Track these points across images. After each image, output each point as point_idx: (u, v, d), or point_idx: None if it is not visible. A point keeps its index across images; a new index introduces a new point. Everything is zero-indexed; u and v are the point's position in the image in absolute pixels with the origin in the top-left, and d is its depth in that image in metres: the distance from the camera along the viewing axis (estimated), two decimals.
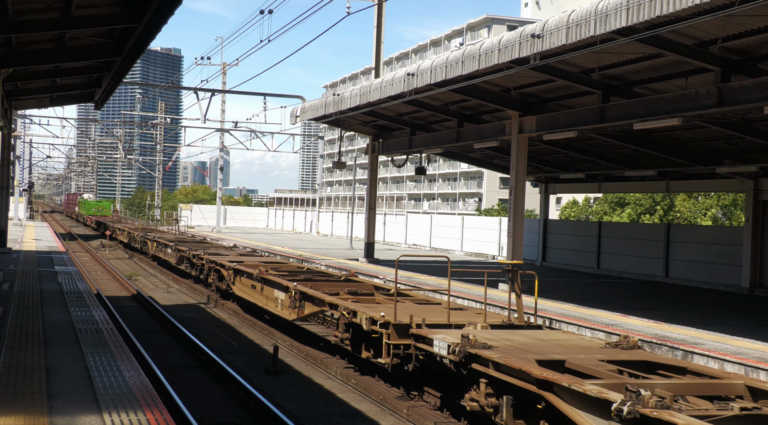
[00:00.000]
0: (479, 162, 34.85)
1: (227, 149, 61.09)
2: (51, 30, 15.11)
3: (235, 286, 20.02)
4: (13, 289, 15.90)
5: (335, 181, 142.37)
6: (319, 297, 14.16)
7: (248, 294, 18.86)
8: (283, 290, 16.05)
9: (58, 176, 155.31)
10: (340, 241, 47.70)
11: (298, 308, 15.05)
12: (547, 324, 15.37)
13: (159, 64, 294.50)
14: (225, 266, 20.85)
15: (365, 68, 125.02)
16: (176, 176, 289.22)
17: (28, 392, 7.61)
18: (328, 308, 13.92)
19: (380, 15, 31.64)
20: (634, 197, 66.15)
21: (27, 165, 74.68)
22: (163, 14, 13.10)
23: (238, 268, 19.61)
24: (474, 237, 38.61)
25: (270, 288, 17.01)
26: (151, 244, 34.50)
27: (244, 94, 47.92)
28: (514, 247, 21.20)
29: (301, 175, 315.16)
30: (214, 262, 22.06)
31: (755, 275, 24.17)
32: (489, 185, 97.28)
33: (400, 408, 11.04)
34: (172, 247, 29.10)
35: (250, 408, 10.87)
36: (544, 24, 14.82)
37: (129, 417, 6.84)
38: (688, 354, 11.99)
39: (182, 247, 27.45)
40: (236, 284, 19.93)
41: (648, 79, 17.80)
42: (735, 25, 13.62)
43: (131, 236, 41.52)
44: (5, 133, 27.32)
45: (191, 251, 25.59)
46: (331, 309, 13.65)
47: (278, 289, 16.40)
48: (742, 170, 23.45)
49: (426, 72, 18.99)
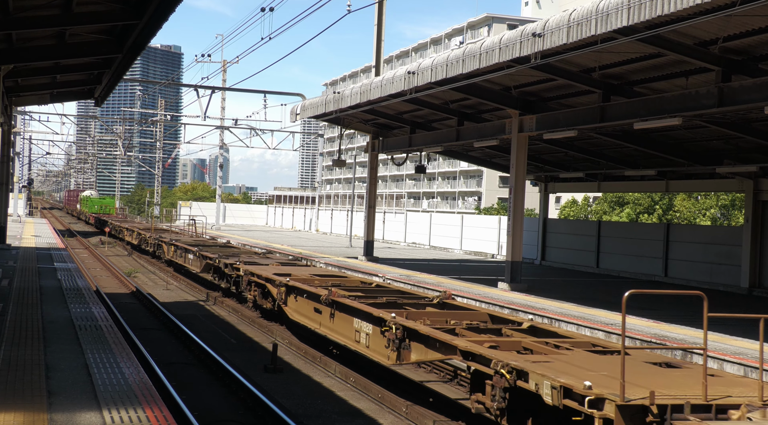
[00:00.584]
0: (479, 161, 34.86)
1: (227, 147, 61.12)
2: (52, 26, 15.11)
3: (289, 307, 15.62)
4: (13, 285, 15.89)
5: (335, 179, 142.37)
6: (440, 339, 9.60)
7: (310, 320, 14.47)
8: (370, 322, 11.61)
9: (58, 172, 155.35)
10: (339, 239, 47.70)
11: (399, 351, 10.49)
12: None
13: (159, 61, 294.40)
14: (273, 282, 16.28)
15: (365, 66, 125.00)
16: (176, 174, 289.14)
17: (27, 388, 7.61)
18: (458, 357, 9.24)
19: (381, 13, 31.63)
20: (634, 197, 66.19)
21: (26, 162, 74.64)
22: (163, 11, 13.10)
23: (293, 285, 15.24)
24: (473, 236, 38.63)
25: (346, 316, 12.66)
26: (167, 248, 30.43)
27: (244, 91, 47.95)
28: (513, 246, 21.21)
29: (301, 173, 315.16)
30: (256, 275, 17.63)
31: (754, 275, 24.18)
32: (488, 183, 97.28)
33: (398, 406, 11.04)
34: (195, 253, 24.96)
35: (249, 405, 10.87)
36: (545, 23, 14.83)
37: (128, 414, 6.84)
38: (687, 353, 12.00)
39: (208, 253, 23.24)
40: (290, 305, 15.60)
41: (648, 79, 17.80)
42: (735, 25, 13.63)
43: (142, 237, 37.13)
44: (5, 129, 27.31)
45: (221, 259, 21.20)
46: (465, 360, 9.04)
47: (361, 319, 12.03)
48: (741, 170, 23.46)
49: (427, 70, 18.99)
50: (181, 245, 27.73)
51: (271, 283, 16.54)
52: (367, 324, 11.73)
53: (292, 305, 15.51)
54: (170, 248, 29.78)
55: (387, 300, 13.06)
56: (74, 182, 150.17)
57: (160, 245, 32.10)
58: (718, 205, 60.99)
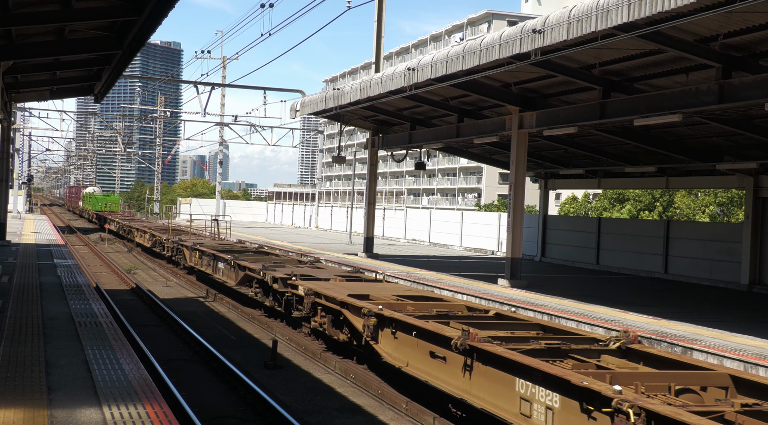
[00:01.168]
0: (479, 157, 34.85)
1: (227, 143, 61.08)
2: (51, 22, 15.08)
3: (382, 346, 11.34)
4: (13, 282, 15.90)
5: (334, 175, 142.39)
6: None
7: (423, 370, 10.31)
8: (554, 389, 7.49)
9: (57, 169, 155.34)
10: (339, 236, 47.70)
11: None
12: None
13: (159, 57, 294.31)
14: (354, 309, 12.13)
15: (365, 63, 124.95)
16: (175, 170, 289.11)
17: (27, 384, 7.61)
18: None
19: (381, 9, 31.59)
20: (634, 194, 66.19)
21: (26, 158, 74.63)
22: (163, 7, 13.09)
23: (391, 316, 11.00)
24: (473, 233, 38.63)
25: (499, 374, 8.44)
26: (189, 253, 26.10)
27: (243, 88, 47.98)
28: (513, 242, 21.21)
29: (301, 169, 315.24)
30: (324, 297, 13.35)
31: (754, 272, 24.19)
32: (488, 180, 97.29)
33: (399, 403, 11.04)
34: (228, 261, 21.02)
35: (248, 401, 10.88)
36: (545, 20, 14.81)
37: (128, 410, 6.85)
38: (688, 350, 12.01)
39: (247, 262, 19.33)
40: (383, 343, 11.34)
41: (648, 76, 17.79)
42: (736, 21, 13.61)
43: (156, 240, 32.92)
44: (5, 126, 27.29)
45: (267, 271, 17.08)
46: None
47: (533, 382, 7.85)
48: (742, 166, 23.46)
49: (426, 67, 18.98)
50: (208, 250, 23.66)
51: (350, 310, 12.34)
52: (547, 392, 7.58)
53: (389, 343, 11.19)
54: (193, 254, 25.54)
55: (541, 342, 9.16)
56: (74, 178, 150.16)
57: (179, 249, 28.07)
58: (716, 202, 60.98)
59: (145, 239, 35.18)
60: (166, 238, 30.74)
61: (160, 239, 32.10)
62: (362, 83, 22.97)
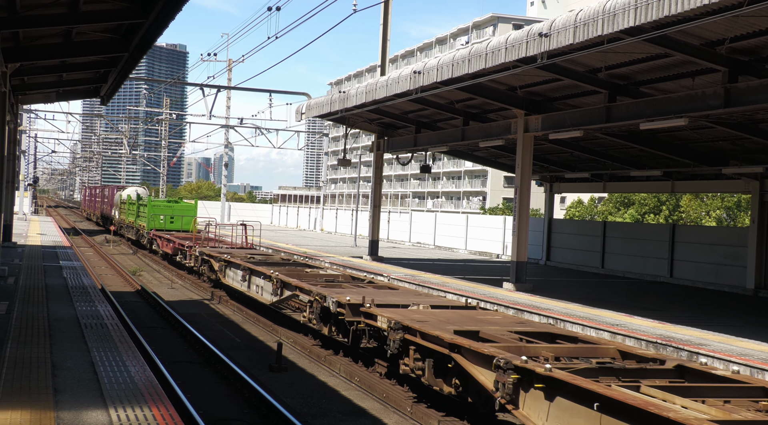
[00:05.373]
0: (484, 161, 34.84)
1: (232, 146, 61.17)
2: (58, 25, 15.12)
3: (530, 412, 7.79)
4: (19, 283, 15.94)
5: (339, 178, 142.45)
6: None
7: None
8: None
9: (63, 170, 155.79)
10: (344, 238, 47.70)
11: None
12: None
13: (164, 60, 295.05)
14: (486, 360, 8.58)
15: (370, 66, 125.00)
16: (181, 172, 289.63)
17: (34, 386, 7.63)
18: None
19: (386, 13, 31.63)
20: (640, 197, 66.08)
21: (32, 160, 74.85)
22: (170, 10, 13.11)
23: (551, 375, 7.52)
24: (478, 236, 38.60)
25: None
26: (219, 265, 21.90)
27: (249, 90, 47.97)
28: (519, 246, 21.18)
29: (306, 172, 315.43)
30: (431, 338, 9.94)
31: (760, 276, 24.13)
32: (493, 183, 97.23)
33: (403, 405, 11.04)
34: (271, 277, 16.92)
35: (253, 404, 10.88)
36: (551, 23, 14.82)
37: (135, 413, 6.86)
38: (693, 354, 11.98)
39: (297, 282, 15.62)
40: (530, 408, 7.82)
41: (655, 79, 17.77)
42: (743, 25, 13.60)
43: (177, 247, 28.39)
44: (11, 127, 27.37)
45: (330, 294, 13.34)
46: None
47: None
48: (748, 170, 23.41)
49: (432, 70, 18.99)
50: (244, 263, 19.54)
51: (465, 356, 9.15)
52: None
53: (540, 412, 7.71)
54: (223, 267, 21.59)
55: None
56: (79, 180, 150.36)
57: (206, 260, 23.75)
58: (722, 206, 60.85)
59: (169, 247, 30.16)
60: (188, 245, 26.65)
61: (181, 246, 28.12)
62: (368, 86, 22.99)
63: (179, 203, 38.66)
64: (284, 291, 16.33)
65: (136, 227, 40.02)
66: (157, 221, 36.24)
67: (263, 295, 17.86)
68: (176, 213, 37.20)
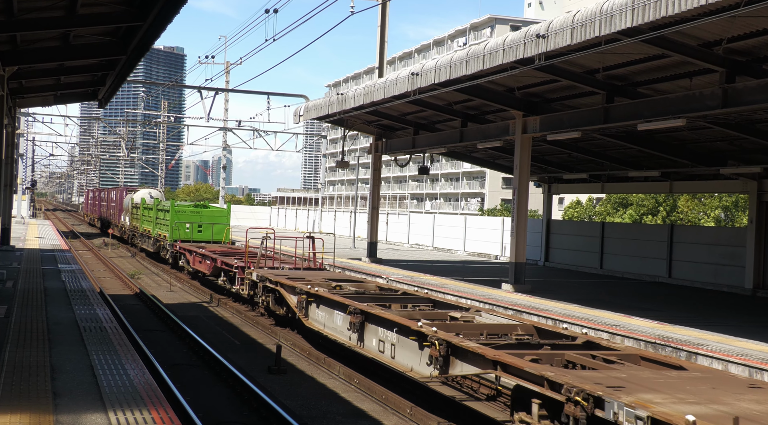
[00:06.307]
0: (482, 162, 34.85)
1: (230, 148, 61.14)
2: (56, 28, 15.14)
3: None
4: (17, 287, 15.92)
5: (338, 180, 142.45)
6: None
7: None
8: None
9: (61, 174, 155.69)
10: (342, 240, 47.69)
11: None
12: None
13: (162, 62, 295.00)
14: None
15: (368, 68, 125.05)
16: (179, 175, 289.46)
17: (33, 390, 7.62)
18: None
19: (384, 14, 31.65)
20: (638, 198, 66.11)
21: (30, 163, 74.77)
22: (168, 13, 13.12)
23: None
24: (477, 237, 38.61)
25: None
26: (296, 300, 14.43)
27: (247, 93, 48.01)
28: (517, 247, 21.19)
29: (304, 174, 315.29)
30: None
31: (758, 276, 24.15)
32: (491, 185, 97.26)
33: (403, 407, 11.04)
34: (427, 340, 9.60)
35: (253, 406, 10.88)
36: (548, 24, 14.83)
37: (134, 416, 6.85)
38: (692, 354, 11.98)
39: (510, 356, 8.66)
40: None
41: (652, 80, 17.79)
42: (740, 26, 13.61)
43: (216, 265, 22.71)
44: (9, 131, 27.36)
45: None
46: None
47: None
48: (745, 171, 23.43)
49: (430, 72, 18.99)
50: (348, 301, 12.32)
51: None
52: None
53: None
54: (304, 303, 14.28)
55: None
56: (77, 183, 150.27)
57: (273, 289, 16.57)
58: (720, 206, 60.87)
59: (205, 266, 24.34)
60: (238, 265, 20.59)
61: (226, 266, 21.87)
62: (366, 88, 22.99)
63: (208, 207, 32.10)
64: (455, 362, 9.29)
65: (154, 236, 33.14)
66: (182, 230, 30.12)
67: (401, 360, 10.60)
68: (205, 220, 30.82)
